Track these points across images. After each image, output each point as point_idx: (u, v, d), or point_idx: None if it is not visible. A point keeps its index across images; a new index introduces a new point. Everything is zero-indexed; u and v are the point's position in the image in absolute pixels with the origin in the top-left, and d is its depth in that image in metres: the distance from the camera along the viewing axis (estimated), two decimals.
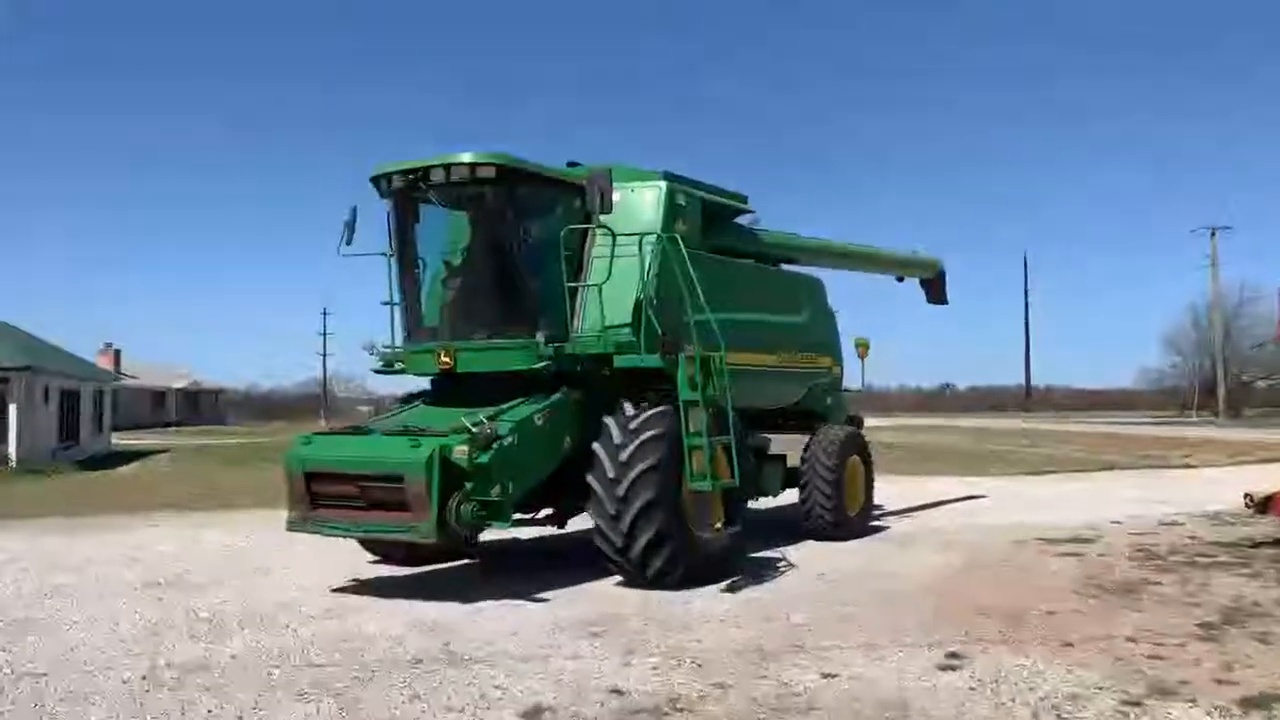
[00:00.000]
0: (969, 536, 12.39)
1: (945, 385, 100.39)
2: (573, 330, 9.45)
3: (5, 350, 26.51)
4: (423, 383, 10.51)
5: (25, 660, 6.76)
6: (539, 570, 9.87)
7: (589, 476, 8.83)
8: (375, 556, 10.38)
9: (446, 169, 9.11)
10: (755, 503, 12.05)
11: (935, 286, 16.34)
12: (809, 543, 11.89)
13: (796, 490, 12.13)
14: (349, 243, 9.87)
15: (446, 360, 9.46)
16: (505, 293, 9.48)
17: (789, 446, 12.46)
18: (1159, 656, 6.51)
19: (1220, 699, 5.60)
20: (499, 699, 5.81)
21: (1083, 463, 26.27)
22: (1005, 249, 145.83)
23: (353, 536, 9.15)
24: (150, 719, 5.52)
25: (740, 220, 12.34)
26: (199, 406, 74.62)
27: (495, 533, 9.33)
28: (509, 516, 8.57)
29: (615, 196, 9.38)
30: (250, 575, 9.93)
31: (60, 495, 19.93)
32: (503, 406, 8.92)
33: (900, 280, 15.97)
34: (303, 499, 8.79)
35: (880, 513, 14.51)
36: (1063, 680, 5.99)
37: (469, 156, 9.06)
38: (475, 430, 8.23)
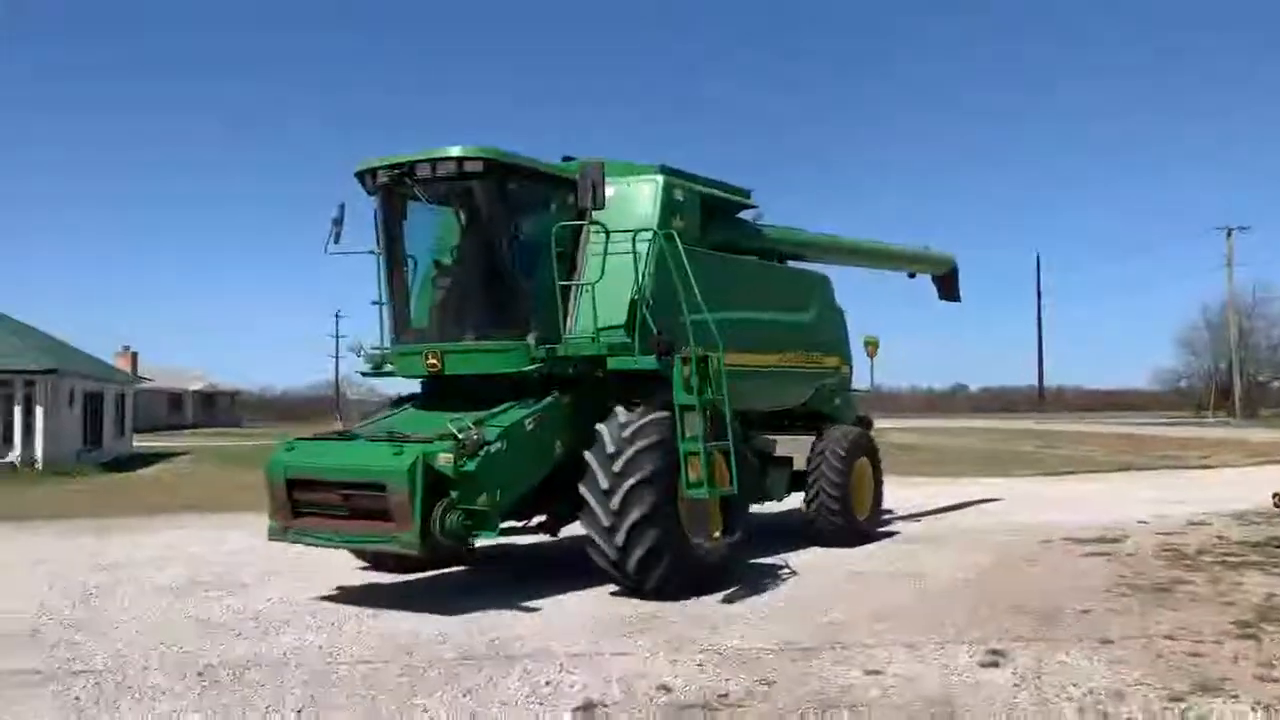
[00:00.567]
0: (995, 537, 12.45)
1: (958, 386, 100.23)
2: (566, 331, 9.12)
3: (31, 353, 26.76)
4: (417, 385, 10.25)
5: (81, 658, 6.90)
6: (558, 574, 9.61)
7: (581, 487, 8.50)
8: (365, 564, 10.13)
9: (432, 163, 8.80)
10: (780, 504, 12.18)
11: (947, 283, 16.02)
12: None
13: (802, 494, 11.83)
14: (336, 241, 9.59)
15: (434, 362, 9.18)
16: (494, 292, 9.16)
17: (797, 448, 12.27)
18: (1198, 654, 6.57)
19: (1264, 695, 5.66)
20: (549, 695, 5.92)
21: (1100, 463, 26.29)
22: (1018, 249, 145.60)
23: (336, 547, 8.80)
24: (214, 712, 5.64)
25: (744, 216, 12.02)
26: (215, 408, 75.00)
27: (494, 539, 9.01)
28: (496, 526, 8.26)
29: (610, 191, 9.09)
30: (282, 575, 10.01)
31: (87, 497, 20.14)
32: (492, 411, 8.65)
33: (912, 276, 15.55)
34: (284, 507, 8.52)
35: (904, 514, 14.61)
36: (1104, 677, 6.07)
37: (456, 150, 8.75)
38: (461, 436, 7.97)
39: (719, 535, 8.78)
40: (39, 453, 25.99)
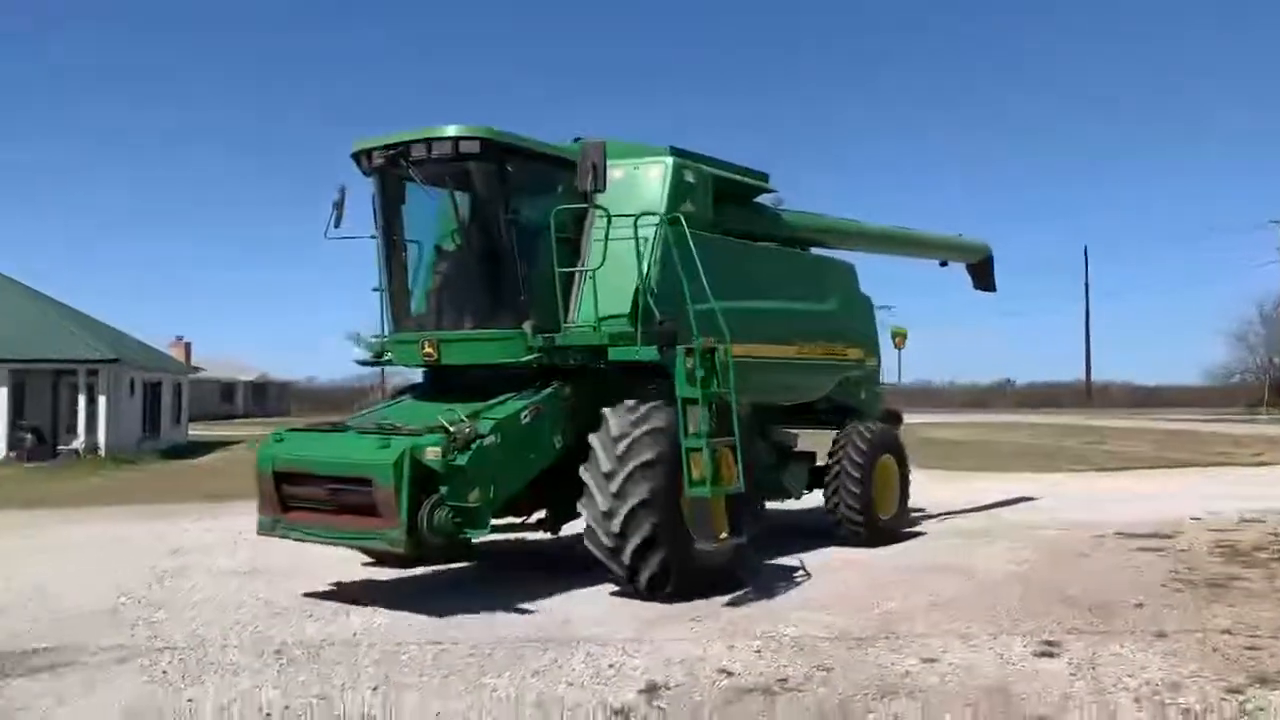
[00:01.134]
0: (1045, 531, 12.45)
1: (1004, 381, 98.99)
2: (569, 320, 8.79)
3: (94, 343, 27.52)
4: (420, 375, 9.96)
5: (162, 636, 7.23)
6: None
7: (583, 471, 8.23)
8: (368, 560, 9.83)
9: (428, 143, 8.46)
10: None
11: (982, 272, 15.42)
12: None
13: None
14: (337, 225, 9.24)
15: (430, 351, 8.88)
16: (492, 280, 8.82)
17: (824, 443, 11.84)
18: (1255, 648, 6.62)
19: None
20: (614, 676, 6.12)
21: (1151, 460, 25.98)
22: (1065, 241, 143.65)
23: (325, 543, 8.39)
24: (293, 688, 5.91)
25: (763, 201, 11.57)
26: (266, 398, 76.29)
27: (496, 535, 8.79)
28: (487, 524, 7.91)
29: (617, 174, 8.86)
30: (346, 561, 10.09)
31: (149, 483, 20.73)
32: (488, 403, 8.37)
33: (944, 265, 15.00)
34: (272, 500, 8.27)
35: (951, 509, 14.62)
36: (1160, 669, 6.15)
37: (452, 130, 8.43)
38: (452, 429, 7.69)
39: (725, 535, 8.23)
40: (101, 440, 26.76)
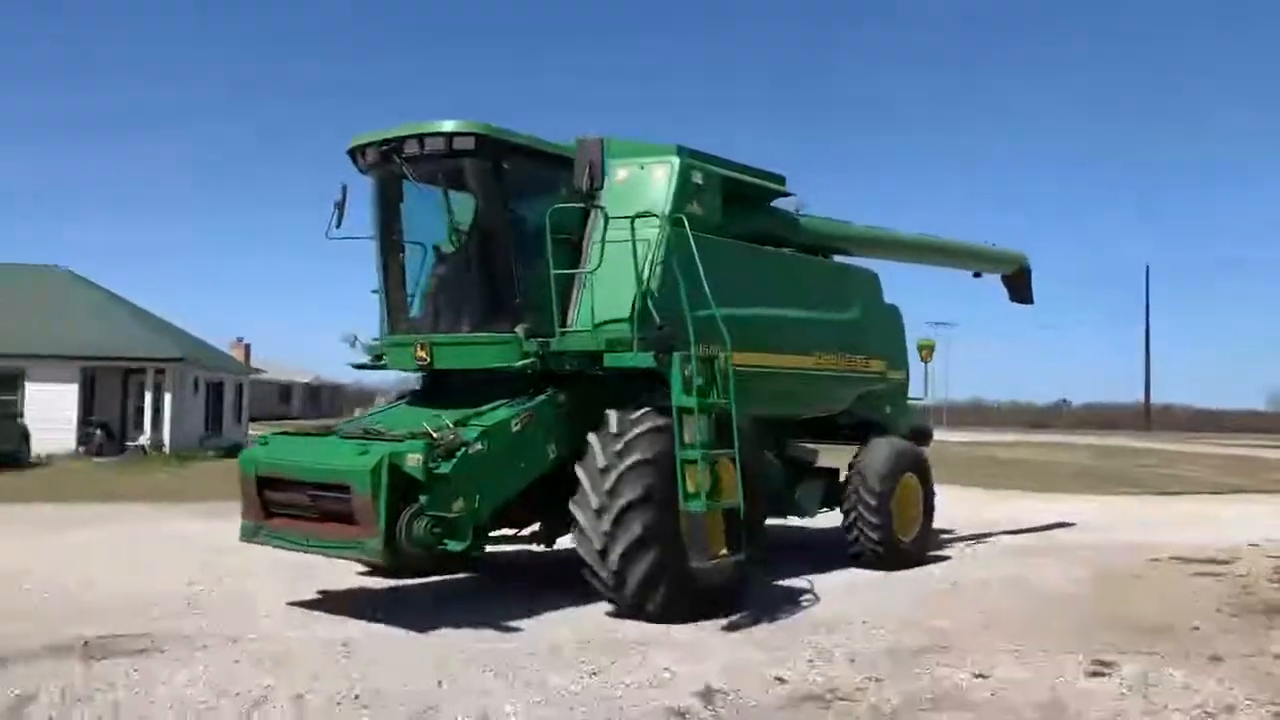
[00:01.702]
0: (1100, 553, 12.36)
1: (1061, 401, 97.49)
2: (569, 324, 8.53)
3: (160, 342, 28.39)
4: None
5: (234, 626, 7.55)
6: None
7: (572, 505, 7.90)
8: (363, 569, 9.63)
9: (421, 139, 8.26)
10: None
11: (1018, 283, 14.85)
12: (948, 549, 12.08)
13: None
14: (339, 225, 8.95)
15: (423, 355, 8.66)
16: (486, 281, 8.60)
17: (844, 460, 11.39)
18: None
19: None
20: (670, 680, 6.28)
21: (1209, 484, 25.53)
22: (1128, 260, 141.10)
23: (306, 551, 8.03)
24: (360, 677, 6.15)
25: (782, 206, 11.02)
26: (320, 400, 77.69)
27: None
28: (468, 536, 7.50)
29: (622, 174, 8.75)
30: None
31: (213, 480, 21.19)
32: (479, 409, 8.11)
33: (977, 276, 14.39)
34: (254, 506, 8.10)
35: (1002, 530, 14.57)
36: (1214, 692, 6.16)
37: (447, 125, 8.22)
38: (437, 436, 7.45)
39: (724, 553, 7.89)
40: (166, 437, 27.57)
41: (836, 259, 11.80)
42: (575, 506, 7.88)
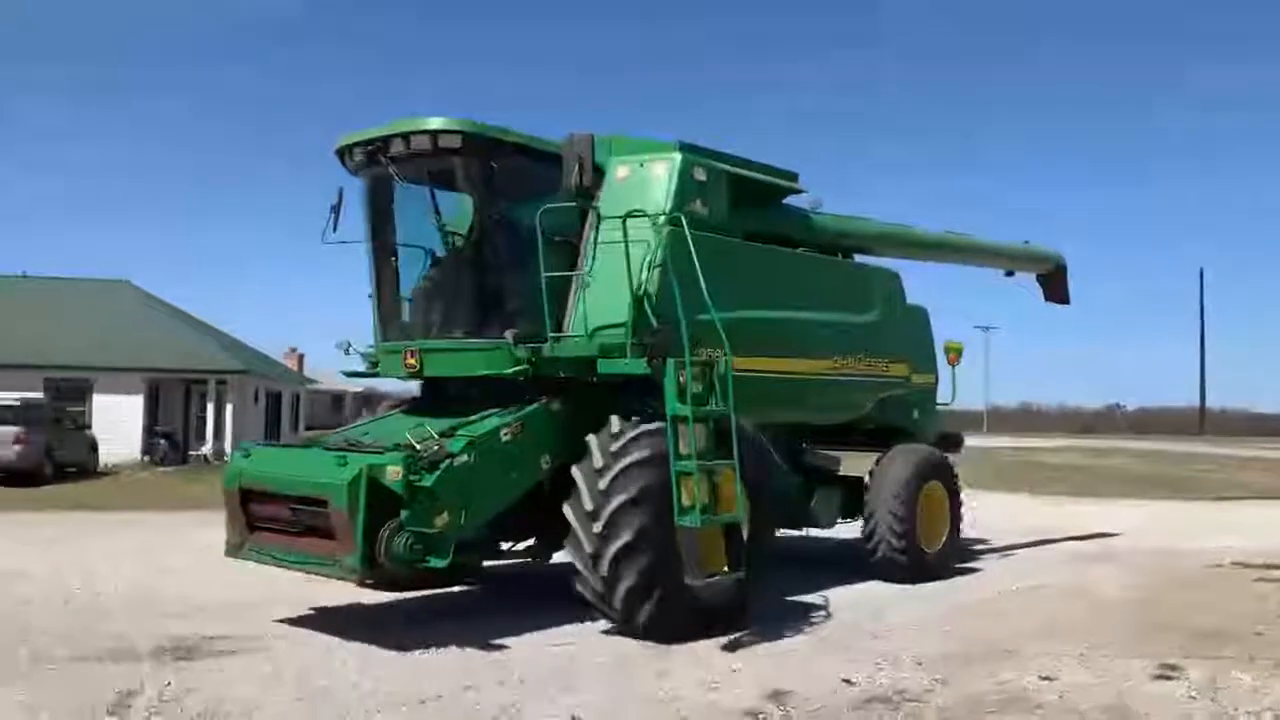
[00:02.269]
0: (1159, 558, 12.35)
1: (1114, 405, 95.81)
2: (565, 329, 8.21)
3: (222, 355, 29.19)
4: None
5: (303, 627, 7.86)
6: None
7: (566, 507, 7.53)
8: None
9: (406, 138, 8.01)
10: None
11: (1053, 283, 14.34)
12: (1002, 556, 12.09)
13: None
14: (335, 229, 8.64)
15: (412, 362, 8.38)
16: (477, 285, 8.32)
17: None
18: None
19: None
20: (738, 679, 6.47)
21: (1268, 489, 25.14)
22: (1181, 260, 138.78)
23: (288, 567, 7.71)
24: (418, 680, 6.35)
25: (797, 203, 10.61)
26: (373, 409, 78.63)
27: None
28: (448, 553, 7.15)
29: (622, 172, 8.55)
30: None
31: None
32: (468, 419, 7.81)
33: (1009, 275, 13.85)
34: (237, 519, 7.91)
35: (1060, 535, 14.56)
36: None
37: (433, 123, 7.98)
38: (420, 447, 7.18)
39: (726, 570, 7.54)
40: (228, 446, 28.25)
41: (857, 259, 11.38)
42: (569, 508, 7.53)
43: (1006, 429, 73.27)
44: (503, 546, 8.89)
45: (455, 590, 9.59)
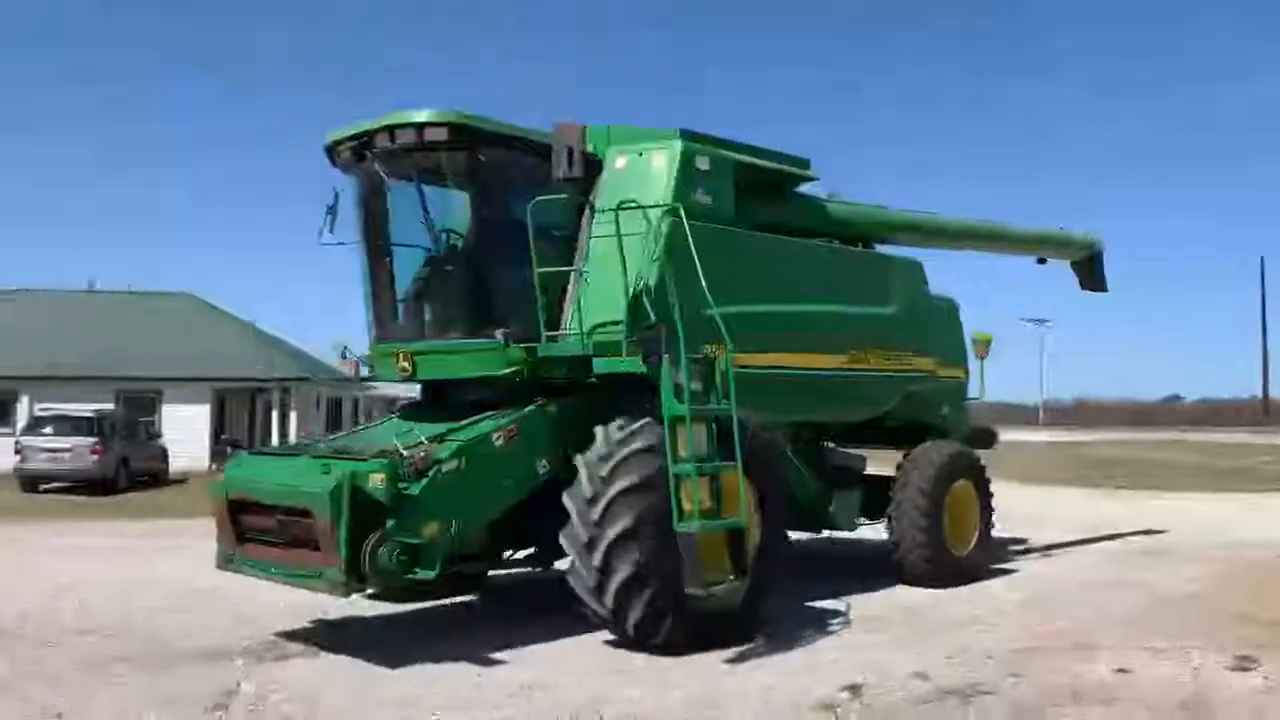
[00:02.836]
0: (1223, 551, 12.28)
1: (1172, 396, 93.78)
2: (562, 328, 7.94)
3: (287, 363, 30.00)
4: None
5: (360, 630, 8.11)
6: None
7: (565, 496, 7.28)
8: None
9: (391, 132, 7.76)
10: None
11: (1089, 270, 13.80)
12: (1064, 550, 12.08)
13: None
14: (331, 230, 8.36)
15: (405, 365, 8.15)
16: (468, 284, 8.11)
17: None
18: None
19: None
20: (811, 674, 6.61)
21: None
22: (1241, 249, 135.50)
23: (276, 580, 7.42)
24: (461, 684, 6.59)
25: (810, 192, 10.15)
26: None
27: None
28: (436, 564, 6.85)
29: (621, 162, 8.26)
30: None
31: None
32: (460, 423, 7.56)
33: (1042, 262, 13.33)
34: (227, 531, 7.59)
35: (1120, 529, 14.46)
36: None
37: (420, 115, 7.71)
38: (408, 453, 6.91)
39: (731, 578, 7.28)
40: None
41: (877, 249, 10.86)
42: (568, 496, 7.26)
43: (1062, 422, 72.20)
44: (503, 555, 8.67)
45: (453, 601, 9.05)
